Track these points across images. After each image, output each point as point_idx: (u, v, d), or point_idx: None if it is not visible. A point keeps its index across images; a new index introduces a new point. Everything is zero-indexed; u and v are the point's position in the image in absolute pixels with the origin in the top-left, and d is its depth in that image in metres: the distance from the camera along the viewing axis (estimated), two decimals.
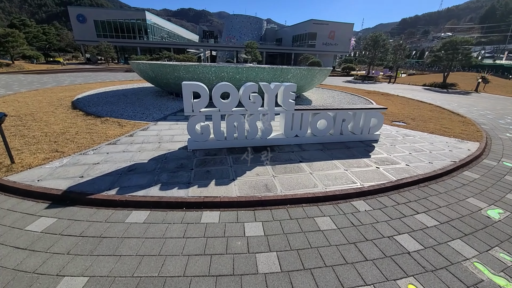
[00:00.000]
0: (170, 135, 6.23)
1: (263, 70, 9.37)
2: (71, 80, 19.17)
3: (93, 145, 5.37)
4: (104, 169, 4.29)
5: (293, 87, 5.28)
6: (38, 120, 7.23)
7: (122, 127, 6.76)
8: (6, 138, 4.16)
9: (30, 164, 4.36)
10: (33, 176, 3.99)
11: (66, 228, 2.93)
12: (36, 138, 5.73)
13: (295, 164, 4.78)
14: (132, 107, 9.38)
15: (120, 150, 5.16)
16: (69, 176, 4.01)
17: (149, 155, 4.96)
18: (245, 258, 2.59)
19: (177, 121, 7.61)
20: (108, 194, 3.55)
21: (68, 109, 8.78)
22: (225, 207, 3.48)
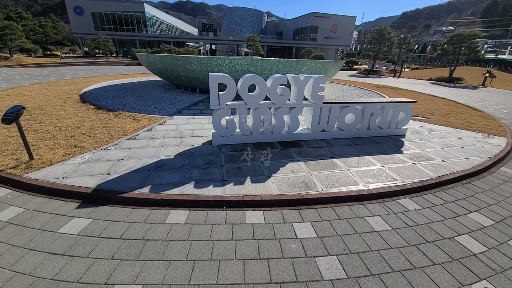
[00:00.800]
0: (190, 130, 5.97)
1: (278, 62, 9.06)
2: (73, 73, 18.69)
3: (113, 140, 5.10)
4: (130, 165, 4.05)
5: (323, 79, 5.02)
6: (48, 114, 6.93)
7: (138, 122, 6.48)
8: (24, 132, 3.89)
9: (51, 160, 4.11)
10: (56, 173, 3.74)
11: (104, 230, 2.70)
12: (51, 133, 5.45)
13: (327, 160, 4.56)
14: (142, 101, 9.07)
15: (142, 145, 4.91)
16: (95, 173, 3.77)
17: (174, 150, 4.72)
18: (304, 262, 2.39)
19: (193, 115, 7.33)
20: (142, 192, 3.32)
21: (77, 102, 8.47)
22: (267, 206, 3.26)
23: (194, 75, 9.49)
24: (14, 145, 4.75)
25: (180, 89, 11.76)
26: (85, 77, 16.03)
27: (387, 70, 35.31)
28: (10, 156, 4.30)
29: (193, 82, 10.04)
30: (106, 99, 9.18)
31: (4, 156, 4.29)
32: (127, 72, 21.17)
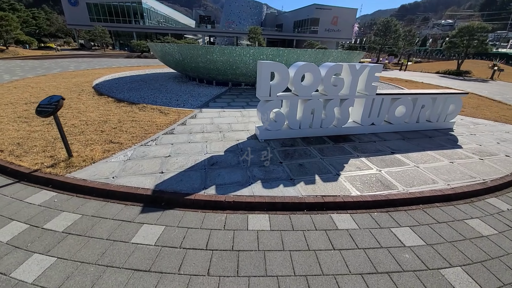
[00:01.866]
0: (226, 124, 5.55)
1: (304, 52, 8.60)
2: (75, 66, 17.89)
3: (149, 135, 4.67)
4: (181, 163, 3.65)
5: (379, 68, 4.63)
6: (67, 107, 6.42)
7: (166, 115, 6.03)
8: (62, 127, 3.44)
9: (92, 157, 3.68)
10: (103, 172, 3.32)
11: (184, 239, 2.33)
12: (78, 127, 4.99)
13: (389, 155, 4.22)
14: (161, 93, 8.57)
15: (183, 140, 4.49)
16: (146, 171, 3.37)
17: (220, 146, 4.32)
18: (431, 276, 2.06)
19: (222, 108, 6.89)
20: (209, 194, 2.93)
21: (93, 95, 7.93)
22: (352, 208, 2.92)
23: (215, 66, 8.99)
24: (42, 141, 4.29)
25: (194, 81, 11.23)
26: (89, 69, 15.31)
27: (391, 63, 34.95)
28: (41, 153, 3.85)
29: (212, 73, 9.54)
30: (122, 92, 8.65)
31: (35, 153, 3.85)
32: (130, 64, 20.41)
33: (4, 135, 4.52)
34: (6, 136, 4.48)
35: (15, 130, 4.77)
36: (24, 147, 4.04)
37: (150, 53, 35.56)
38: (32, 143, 4.20)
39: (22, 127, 4.94)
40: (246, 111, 6.70)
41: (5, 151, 3.88)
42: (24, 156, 3.75)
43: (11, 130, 4.76)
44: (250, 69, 8.84)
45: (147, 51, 35.89)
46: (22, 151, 3.89)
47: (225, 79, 9.81)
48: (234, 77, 9.50)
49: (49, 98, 3.36)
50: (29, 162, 3.55)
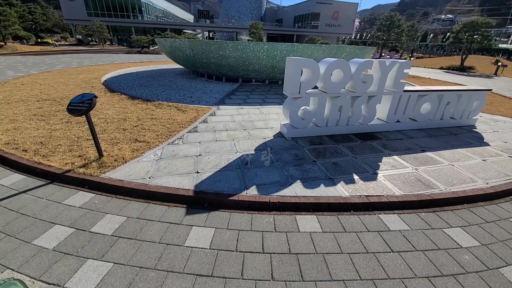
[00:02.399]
0: (247, 121, 5.46)
1: (319, 48, 8.48)
2: (77, 62, 17.58)
3: (174, 133, 4.58)
4: (214, 162, 3.57)
5: (408, 65, 4.55)
6: None
7: (185, 112, 5.92)
8: (94, 126, 3.34)
9: (123, 157, 3.58)
10: (138, 172, 3.24)
11: (238, 242, 2.27)
12: (98, 126, 4.87)
13: (420, 153, 4.17)
14: (172, 90, 8.42)
15: (209, 139, 4.41)
16: (181, 171, 3.29)
17: (249, 144, 4.24)
18: (493, 276, 2.02)
19: (239, 105, 6.78)
20: (252, 194, 2.87)
21: (105, 91, 7.78)
22: (397, 208, 2.87)
23: (227, 62, 8.84)
24: (65, 140, 4.18)
25: (202, 78, 11.07)
26: (92, 66, 15.05)
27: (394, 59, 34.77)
28: (68, 152, 3.75)
29: (223, 69, 9.39)
30: (133, 88, 8.49)
31: (62, 153, 3.74)
32: (133, 60, 20.09)
33: (24, 134, 4.40)
34: (27, 135, 4.36)
35: (34, 129, 4.65)
36: (48, 146, 3.93)
37: (150, 48, 35.11)
38: (55, 142, 4.10)
39: (41, 126, 4.82)
40: (264, 108, 6.61)
41: (29, 151, 3.78)
42: (51, 155, 3.64)
43: (30, 129, 4.64)
44: (263, 65, 8.71)
45: (147, 46, 35.41)
46: (48, 151, 3.78)
47: (236, 75, 9.68)
48: (245, 73, 9.37)
49: (80, 96, 3.25)
50: (59, 162, 3.45)
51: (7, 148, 3.82)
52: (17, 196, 2.82)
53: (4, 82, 8.94)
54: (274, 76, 9.41)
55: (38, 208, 2.63)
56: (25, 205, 2.67)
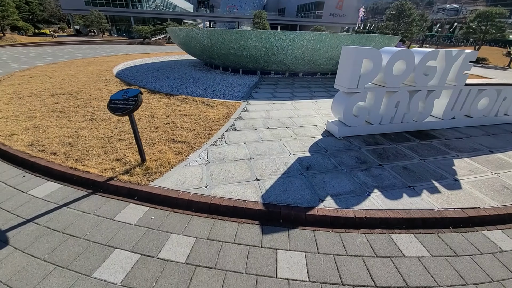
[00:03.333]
0: (286, 118, 5.01)
1: (348, 37, 7.93)
2: (81, 53, 16.88)
3: (212, 132, 4.14)
4: (272, 166, 3.15)
5: (474, 55, 4.08)
6: (100, 99, 5.81)
7: (214, 108, 5.46)
8: (137, 129, 2.89)
9: (168, 161, 3.16)
10: (190, 179, 2.82)
11: (341, 272, 1.88)
12: (127, 123, 4.43)
13: (490, 155, 3.76)
14: (191, 83, 7.92)
15: (254, 138, 3.98)
16: (239, 178, 2.87)
17: (299, 145, 3.81)
18: None
19: (269, 100, 6.31)
20: (332, 208, 2.47)
21: (121, 85, 7.27)
22: (498, 222, 2.48)
23: (248, 52, 8.30)
24: (96, 141, 3.75)
25: (217, 70, 10.52)
26: (98, 57, 14.40)
27: None
28: (103, 156, 3.32)
29: (243, 61, 8.85)
30: (149, 81, 7.98)
31: (96, 156, 3.32)
32: (137, 51, 19.36)
33: (47, 133, 3.96)
34: (51, 134, 3.92)
35: (57, 127, 4.20)
36: (79, 148, 3.50)
37: (151, 39, 34.07)
38: (85, 143, 3.66)
39: (64, 123, 4.37)
40: (297, 103, 6.14)
41: (59, 154, 3.34)
42: (85, 159, 3.22)
43: (52, 127, 4.19)
44: (287, 56, 8.18)
45: (148, 37, 34.37)
46: (80, 154, 3.35)
47: (255, 67, 9.14)
48: (266, 65, 8.84)
49: (122, 92, 2.79)
50: (96, 167, 3.03)
51: (32, 151, 3.39)
52: (57, 211, 2.41)
53: (10, 74, 8.40)
54: (297, 67, 8.89)
55: (87, 227, 2.23)
56: (70, 223, 2.26)
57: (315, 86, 8.08)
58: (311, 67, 8.95)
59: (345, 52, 3.66)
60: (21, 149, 3.40)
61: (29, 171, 3.06)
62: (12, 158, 3.29)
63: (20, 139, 3.71)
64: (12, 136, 3.82)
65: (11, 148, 3.43)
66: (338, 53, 8.32)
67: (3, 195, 2.62)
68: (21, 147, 3.46)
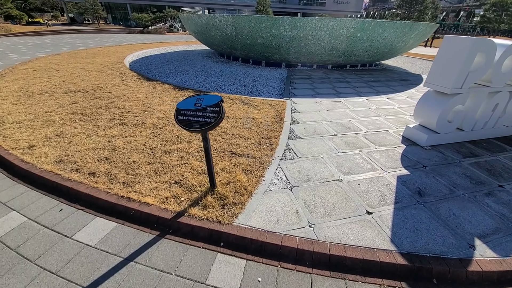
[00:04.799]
0: (347, 120, 4.31)
1: (392, 25, 7.11)
2: (82, 43, 15.75)
3: (273, 141, 3.44)
4: (375, 192, 2.49)
5: None
6: (123, 97, 5.04)
7: (257, 108, 4.73)
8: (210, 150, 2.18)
9: (243, 184, 2.48)
10: (283, 213, 2.16)
11: None
12: (165, 128, 3.70)
13: None
14: (215, 78, 7.12)
15: (327, 149, 3.29)
16: (345, 212, 2.21)
17: (386, 158, 3.13)
18: None
19: (313, 97, 5.57)
20: (495, 259, 1.82)
21: (140, 80, 6.44)
22: None
23: (277, 42, 7.46)
24: (138, 155, 3.04)
25: (235, 61, 9.68)
26: (102, 47, 13.35)
27: None
28: (155, 177, 2.63)
29: (269, 52, 8.01)
30: (169, 75, 7.17)
31: (147, 177, 2.62)
32: (140, 41, 18.21)
33: (76, 144, 3.23)
34: (81, 146, 3.19)
35: (85, 135, 3.47)
36: (120, 165, 2.80)
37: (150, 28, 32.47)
38: (126, 158, 2.95)
39: (91, 130, 3.64)
40: (346, 100, 5.42)
41: (99, 174, 2.64)
42: (134, 183, 2.52)
43: (79, 135, 3.46)
44: (322, 46, 7.36)
45: (148, 25, 32.80)
46: (125, 174, 2.65)
47: (281, 59, 8.32)
48: (295, 56, 8.02)
49: (194, 100, 2.06)
50: (154, 196, 2.34)
51: (64, 171, 2.67)
52: (124, 271, 1.73)
53: (12, 67, 7.50)
54: (329, 59, 8.09)
55: None
56: None
57: (353, 80, 7.33)
58: (344, 59, 8.16)
59: (449, 43, 2.93)
60: (49, 169, 2.69)
61: (65, 201, 2.36)
62: (40, 182, 2.58)
63: (44, 153, 2.99)
64: (33, 149, 3.09)
65: (35, 167, 2.71)
66: (378, 43, 7.53)
67: (40, 242, 1.93)
68: (48, 165, 2.75)
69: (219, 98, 2.00)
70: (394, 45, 7.88)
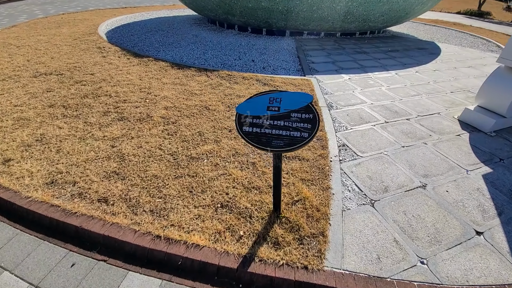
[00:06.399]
0: (388, 101, 3.74)
1: None
2: (40, 10, 13.18)
3: (320, 135, 2.83)
4: (471, 202, 2.04)
5: None
6: (111, 81, 4.05)
7: (278, 89, 3.98)
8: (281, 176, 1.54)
9: (313, 204, 1.91)
10: (380, 247, 1.66)
11: None
12: (177, 122, 2.94)
13: None
14: (216, 51, 6.08)
15: (388, 143, 2.75)
16: (452, 236, 1.76)
17: (456, 151, 2.67)
18: None
19: (339, 73, 4.84)
20: None
21: (125, 55, 5.28)
22: None
23: (285, 6, 6.37)
24: (157, 164, 2.35)
25: (230, 29, 8.45)
26: (66, 14, 11.18)
27: None
28: (190, 199, 1.99)
29: (274, 17, 6.91)
30: (159, 49, 6.00)
31: (181, 201, 1.99)
32: (109, 5, 15.58)
33: (67, 154, 2.43)
34: (74, 156, 2.39)
35: (77, 139, 2.64)
36: (139, 184, 2.10)
37: None
38: (143, 171, 2.24)
39: (84, 130, 2.79)
40: (376, 76, 4.78)
41: (114, 200, 1.95)
42: (168, 211, 1.87)
43: (69, 139, 2.62)
44: (336, 10, 6.41)
45: None
46: (151, 198, 1.98)
47: (287, 25, 7.28)
48: (304, 22, 7.02)
49: (266, 99, 1.36)
50: (200, 231, 1.73)
51: (62, 198, 1.94)
52: None
53: None
54: (341, 26, 7.18)
55: None
56: None
57: (370, 50, 6.59)
58: (356, 25, 7.29)
59: None
60: (40, 197, 1.93)
61: (76, 249, 1.68)
62: (30, 218, 1.84)
63: (27, 171, 2.19)
64: (9, 165, 2.27)
65: (20, 196, 1.94)
66: (398, 6, 6.71)
67: None
68: (38, 191, 1.99)
69: (308, 98, 1.32)
70: (412, 8, 7.10)
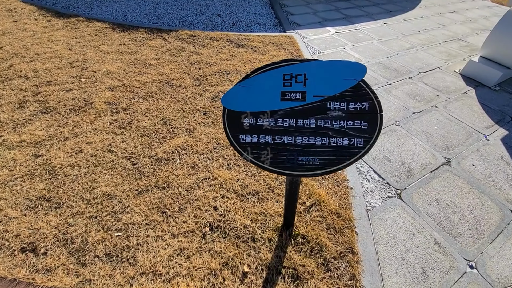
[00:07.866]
0: (384, 57, 3.24)
1: None
2: None
3: None
4: (503, 169, 1.77)
5: None
6: (26, 55, 2.93)
7: (259, 52, 3.24)
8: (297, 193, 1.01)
9: (329, 209, 1.46)
10: (420, 254, 1.32)
11: None
12: (129, 111, 2.18)
13: None
14: (168, 4, 4.78)
15: (396, 109, 2.32)
16: (493, 223, 1.48)
17: (468, 112, 2.36)
18: None
19: (324, 26, 4.08)
20: None
21: (43, 17, 3.88)
22: None
23: None
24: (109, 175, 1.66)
25: None
26: None
27: None
28: (163, 224, 1.42)
29: None
30: (92, 4, 4.53)
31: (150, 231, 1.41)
32: None
33: None
34: None
35: None
36: (86, 213, 1.46)
37: None
38: (88, 190, 1.58)
39: None
40: (365, 27, 4.17)
41: (65, 270, 1.33)
42: (138, 254, 1.30)
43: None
44: None
45: None
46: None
47: None
48: None
49: (279, 74, 0.73)
50: (190, 277, 1.20)
51: None
52: None
53: None
54: None
55: None
56: None
57: None
58: None
59: None
60: None
61: None
62: None
63: None
64: None
65: None
66: None
67: None
68: None
69: (356, 71, 0.72)
70: None
